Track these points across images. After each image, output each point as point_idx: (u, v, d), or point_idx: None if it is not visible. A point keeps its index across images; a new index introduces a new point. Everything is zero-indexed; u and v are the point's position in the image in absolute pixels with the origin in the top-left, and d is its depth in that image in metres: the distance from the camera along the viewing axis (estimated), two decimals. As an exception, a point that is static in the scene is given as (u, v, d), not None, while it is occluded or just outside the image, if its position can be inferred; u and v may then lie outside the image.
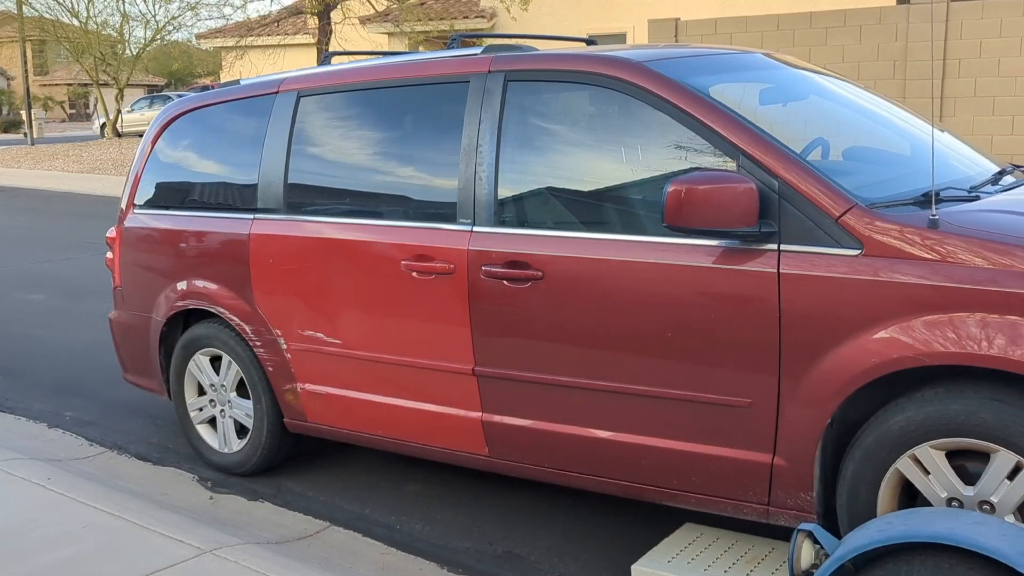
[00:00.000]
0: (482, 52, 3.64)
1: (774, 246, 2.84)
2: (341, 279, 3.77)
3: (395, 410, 3.75)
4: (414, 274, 3.55)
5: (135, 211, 4.66)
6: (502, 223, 3.37)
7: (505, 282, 3.32)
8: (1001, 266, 2.52)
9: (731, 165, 2.95)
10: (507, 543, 3.69)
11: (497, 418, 3.46)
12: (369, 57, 4.35)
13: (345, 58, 4.51)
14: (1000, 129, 10.58)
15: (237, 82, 4.49)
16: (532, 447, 3.41)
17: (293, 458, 4.53)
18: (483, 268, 3.36)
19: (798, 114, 3.63)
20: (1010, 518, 2.57)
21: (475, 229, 3.42)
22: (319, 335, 3.90)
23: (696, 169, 2.92)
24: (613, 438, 3.20)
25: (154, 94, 39.03)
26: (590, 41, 4.52)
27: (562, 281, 3.19)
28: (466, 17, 19.51)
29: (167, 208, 4.51)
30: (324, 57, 4.38)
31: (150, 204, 4.60)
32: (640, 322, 3.06)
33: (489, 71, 3.49)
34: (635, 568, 3.20)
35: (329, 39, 18.27)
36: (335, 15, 18.42)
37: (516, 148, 3.39)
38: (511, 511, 3.95)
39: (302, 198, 3.97)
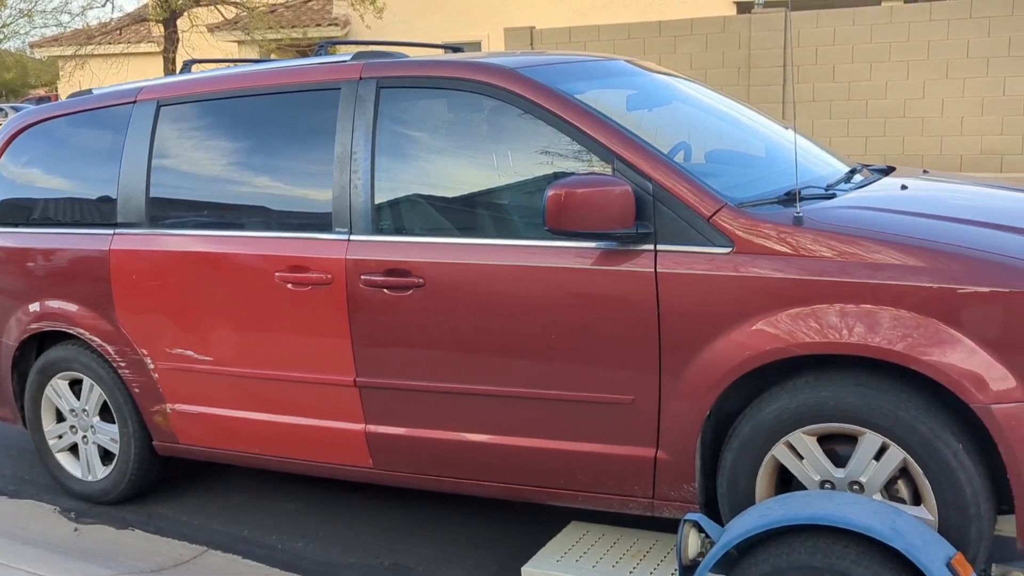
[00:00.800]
0: (352, 59, 3.59)
1: (650, 246, 2.92)
2: (212, 294, 3.65)
3: (274, 427, 3.65)
4: (289, 286, 3.47)
5: (-21, 229, 4.36)
6: (380, 231, 3.34)
7: (385, 290, 3.29)
8: (861, 259, 2.68)
9: (606, 169, 3.02)
10: (393, 555, 3.65)
11: (381, 429, 3.42)
12: (231, 65, 4.23)
13: (205, 66, 4.37)
14: (837, 132, 11.23)
15: (90, 91, 4.28)
16: (418, 456, 3.39)
17: (164, 482, 4.34)
18: (362, 277, 3.32)
19: (663, 119, 3.75)
20: (878, 496, 2.73)
21: (352, 238, 3.37)
22: (189, 353, 3.76)
23: (574, 174, 2.98)
24: (500, 442, 3.22)
25: (-17, 106, 36.63)
26: (456, 48, 4.54)
27: (444, 287, 3.19)
28: (319, 25, 19.20)
29: (15, 225, 4.25)
30: (184, 65, 4.23)
31: (-4, 221, 4.32)
32: (523, 325, 3.09)
33: (361, 78, 3.45)
34: (525, 570, 3.23)
35: (176, 47, 17.61)
36: (182, 23, 17.78)
37: (392, 155, 3.37)
38: (396, 523, 3.91)
39: (166, 211, 3.81)
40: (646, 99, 3.81)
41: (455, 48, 4.53)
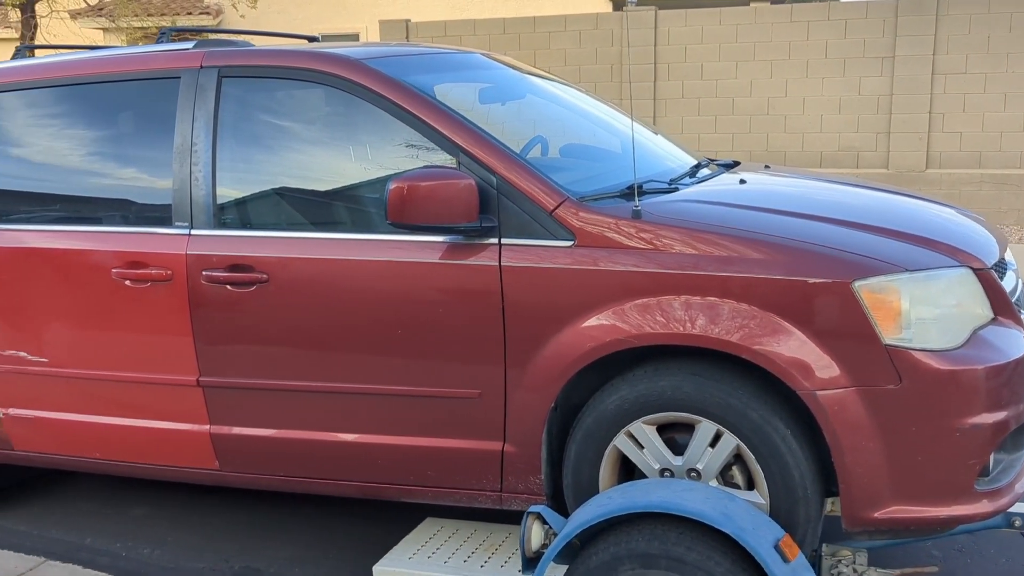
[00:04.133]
0: (194, 47, 3.47)
1: (495, 240, 2.92)
2: (44, 292, 3.47)
3: (115, 430, 3.50)
4: (127, 282, 3.33)
5: None
6: (223, 225, 3.24)
7: (228, 287, 3.19)
8: (697, 251, 2.74)
9: (451, 162, 3.00)
10: (244, 558, 3.56)
11: (227, 429, 3.32)
12: (75, 51, 4.03)
13: (49, 52, 4.15)
14: (705, 128, 11.55)
15: (-88, 77, 4.00)
16: (266, 456, 3.30)
17: (0, 492, 4.12)
18: (204, 273, 3.21)
19: (517, 113, 3.76)
20: (714, 482, 2.80)
21: (193, 232, 3.26)
22: (22, 354, 3.56)
23: (418, 168, 2.95)
24: (348, 439, 3.17)
25: None
26: (312, 38, 4.45)
27: (289, 283, 3.12)
28: (189, 13, 18.58)
29: None
30: (18, 50, 4.00)
31: None
32: (369, 321, 3.04)
33: (202, 66, 3.33)
34: (376, 568, 3.19)
35: (34, 34, 16.75)
36: (40, 8, 16.91)
37: (234, 147, 3.26)
38: (246, 526, 3.81)
39: (-4, 205, 3.61)
40: (500, 93, 3.81)
41: (312, 39, 4.43)
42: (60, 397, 3.56)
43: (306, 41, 4.36)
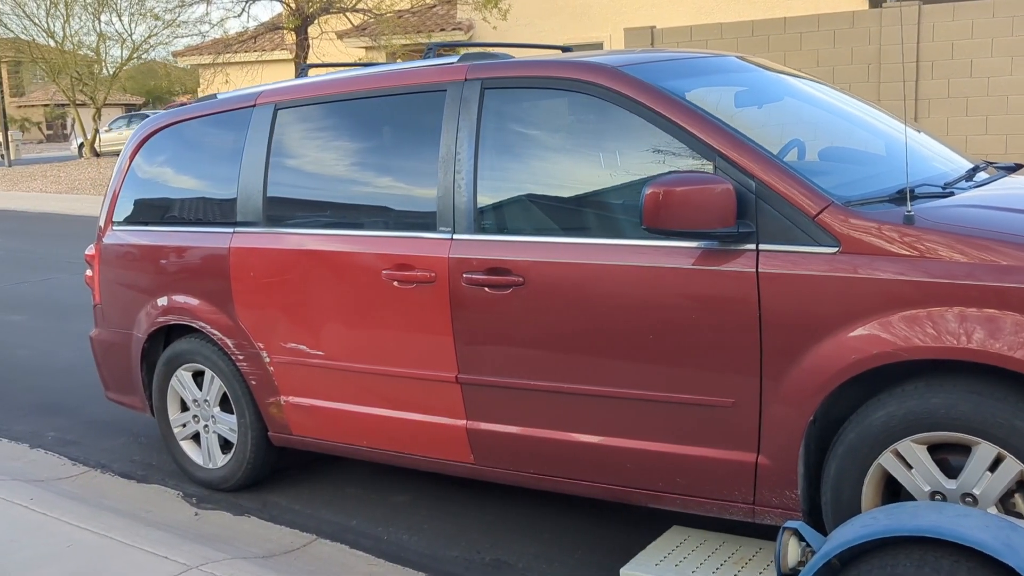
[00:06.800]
0: (458, 61, 3.65)
1: (752, 246, 2.85)
2: (322, 291, 3.77)
3: (379, 420, 3.74)
4: (395, 283, 3.55)
5: (113, 228, 4.64)
6: (482, 230, 3.38)
7: (487, 289, 3.33)
8: (976, 260, 2.55)
9: (708, 167, 2.97)
10: (495, 551, 3.68)
11: (482, 425, 3.46)
12: (346, 68, 4.36)
13: (323, 71, 4.51)
14: (974, 129, 10.69)
15: (214, 96, 4.49)
16: (517, 453, 3.41)
17: (278, 472, 4.51)
18: (464, 275, 3.37)
19: (773, 116, 3.66)
20: (992, 510, 2.59)
21: (455, 237, 3.42)
22: (301, 347, 3.89)
23: (673, 172, 2.94)
24: (598, 442, 3.21)
25: (132, 113, 38.86)
26: (566, 49, 4.55)
27: (544, 286, 3.20)
28: (443, 29, 19.55)
29: (146, 224, 4.50)
30: (300, 69, 4.38)
31: (129, 221, 4.58)
32: (622, 325, 3.07)
33: (466, 79, 3.50)
34: (623, 572, 3.20)
35: (307, 54, 18.26)
36: (312, 30, 18.41)
37: (494, 155, 3.40)
38: (498, 519, 3.94)
39: (281, 211, 3.96)
40: (756, 96, 3.72)
41: (565, 49, 4.53)
42: (333, 387, 3.85)
43: (559, 51, 4.47)
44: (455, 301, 3.40)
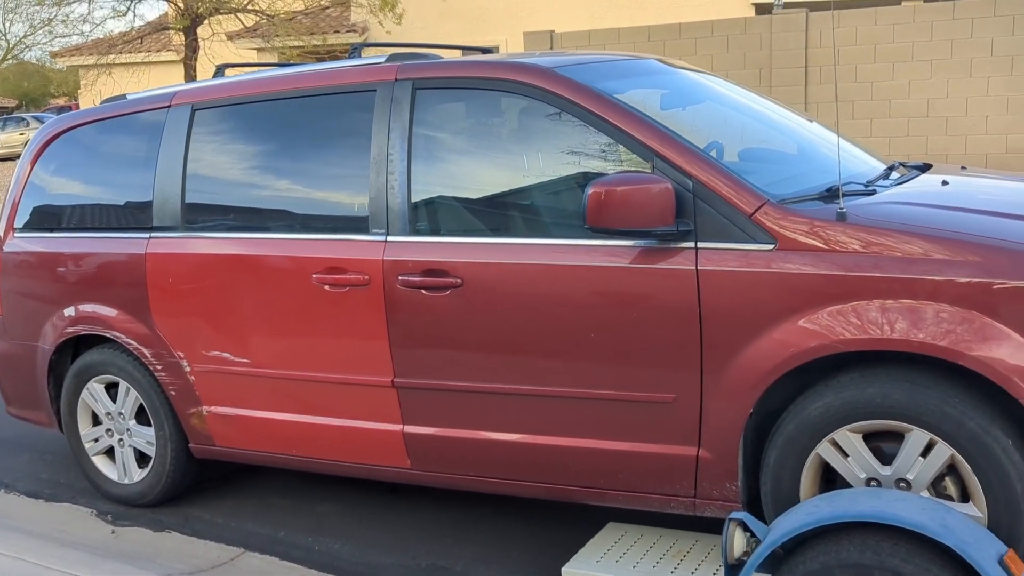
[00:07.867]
0: (387, 61, 3.60)
1: (691, 244, 2.91)
2: (249, 296, 3.66)
3: (310, 428, 3.66)
4: (326, 287, 3.48)
5: (15, 235, 4.40)
6: (417, 232, 3.34)
7: (423, 291, 3.29)
8: (908, 254, 2.66)
9: (645, 167, 3.01)
10: (431, 556, 3.65)
11: (419, 429, 3.42)
12: (264, 69, 4.25)
13: (239, 71, 4.39)
14: (860, 132, 11.16)
15: (123, 97, 4.31)
16: (457, 457, 3.38)
17: (200, 485, 4.36)
18: (400, 278, 3.32)
19: (697, 117, 3.74)
20: (925, 493, 2.70)
21: (389, 239, 3.38)
22: (225, 355, 3.77)
23: (618, 172, 2.97)
24: (540, 442, 3.21)
25: (6, 116, 36.99)
26: (487, 50, 4.55)
27: (483, 287, 3.19)
28: (337, 32, 19.26)
29: (50, 231, 4.28)
30: (217, 69, 4.25)
31: (31, 227, 4.36)
32: (564, 324, 3.08)
33: (396, 79, 3.46)
34: (565, 570, 3.22)
35: (196, 55, 17.72)
36: (202, 31, 17.88)
37: (428, 156, 3.37)
38: (433, 524, 3.91)
39: (201, 215, 3.83)
40: (680, 98, 3.79)
41: (484, 50, 4.53)
42: (260, 396, 3.74)
43: (480, 53, 4.46)
44: (390, 304, 3.35)
